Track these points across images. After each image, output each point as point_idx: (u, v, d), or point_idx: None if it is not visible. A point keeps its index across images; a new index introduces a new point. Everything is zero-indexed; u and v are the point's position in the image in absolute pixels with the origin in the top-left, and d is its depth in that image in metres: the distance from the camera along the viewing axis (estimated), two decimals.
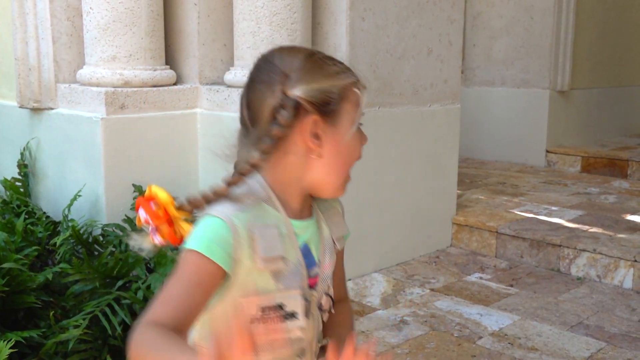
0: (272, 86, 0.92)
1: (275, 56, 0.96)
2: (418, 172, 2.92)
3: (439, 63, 2.95)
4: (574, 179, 4.13)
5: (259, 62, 0.97)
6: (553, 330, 2.21)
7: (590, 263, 2.70)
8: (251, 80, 0.97)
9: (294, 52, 0.98)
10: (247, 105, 0.96)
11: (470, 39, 4.84)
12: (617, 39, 5.07)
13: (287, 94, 0.92)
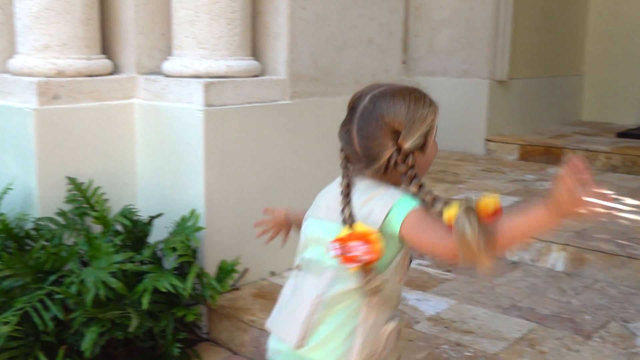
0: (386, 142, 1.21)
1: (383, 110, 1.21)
2: None
3: (380, 53, 2.98)
4: (512, 167, 4.25)
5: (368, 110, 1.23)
6: (487, 313, 2.28)
7: (524, 247, 2.78)
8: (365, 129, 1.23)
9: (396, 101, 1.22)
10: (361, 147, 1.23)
11: (412, 29, 4.90)
12: (553, 30, 5.22)
13: (399, 146, 1.21)
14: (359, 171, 1.26)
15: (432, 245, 1.19)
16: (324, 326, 1.23)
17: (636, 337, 2.10)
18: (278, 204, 2.57)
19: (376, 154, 1.21)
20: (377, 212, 1.20)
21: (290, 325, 1.25)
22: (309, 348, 1.24)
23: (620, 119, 5.57)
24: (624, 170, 4.10)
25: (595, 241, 2.64)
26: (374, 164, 1.23)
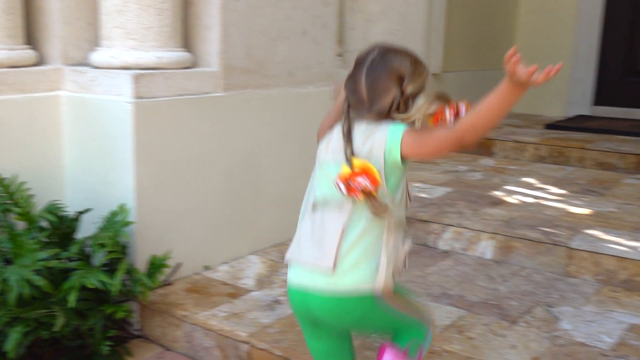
0: (392, 85, 1.43)
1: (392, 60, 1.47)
2: (293, 153, 2.95)
3: (314, 45, 2.99)
4: (445, 158, 4.34)
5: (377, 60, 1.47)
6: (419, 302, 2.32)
7: (455, 237, 2.85)
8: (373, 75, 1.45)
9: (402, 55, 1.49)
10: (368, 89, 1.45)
11: (348, 22, 4.92)
12: (486, 24, 5.35)
13: (403, 91, 1.43)
14: (360, 115, 1.47)
15: (436, 146, 1.42)
16: (353, 252, 1.41)
17: (559, 321, 2.18)
18: (210, 198, 2.56)
19: (382, 95, 1.43)
20: (377, 148, 1.42)
21: (321, 254, 1.42)
22: (340, 272, 1.41)
23: (549, 111, 5.77)
24: (551, 161, 4.25)
25: (522, 229, 2.72)
26: (378, 105, 1.44)
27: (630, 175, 3.91)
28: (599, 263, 2.52)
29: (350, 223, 1.41)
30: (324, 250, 1.42)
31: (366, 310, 1.46)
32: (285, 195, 2.94)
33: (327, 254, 1.41)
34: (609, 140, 4.31)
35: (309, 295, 1.47)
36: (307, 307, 1.50)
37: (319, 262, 1.43)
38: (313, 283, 1.45)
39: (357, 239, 1.41)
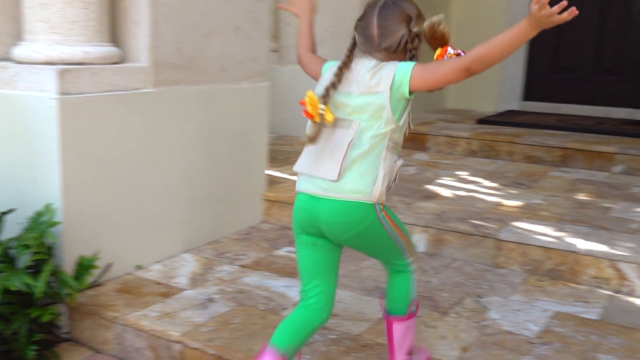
0: (401, 25, 1.64)
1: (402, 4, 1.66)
2: (227, 149, 2.93)
3: (247, 41, 2.97)
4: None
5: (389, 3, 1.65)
6: (353, 296, 2.35)
7: None
8: (386, 14, 1.64)
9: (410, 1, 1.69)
10: (379, 27, 1.63)
11: (284, 17, 4.92)
12: None
13: (410, 30, 1.65)
14: (369, 53, 1.65)
15: (446, 75, 1.60)
16: (357, 164, 1.59)
17: (488, 311, 2.25)
18: (142, 196, 2.51)
19: (392, 34, 1.63)
20: (384, 81, 1.59)
21: (330, 164, 1.60)
22: (345, 181, 1.59)
23: (481, 106, 5.92)
24: (482, 155, 4.36)
25: (453, 222, 2.78)
26: (387, 42, 1.63)
27: (557, 168, 4.06)
28: (526, 254, 2.60)
29: (356, 141, 1.59)
30: (330, 162, 1.60)
31: (367, 221, 1.62)
32: (220, 192, 2.91)
33: (332, 166, 1.59)
34: (537, 134, 4.45)
35: (317, 200, 1.63)
36: (313, 213, 1.64)
37: (324, 172, 1.61)
38: (320, 190, 1.62)
39: (360, 155, 1.59)
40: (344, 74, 1.63)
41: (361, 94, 1.61)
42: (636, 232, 2.72)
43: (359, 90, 1.61)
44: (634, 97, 5.28)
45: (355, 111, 1.61)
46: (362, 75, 1.61)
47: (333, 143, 1.61)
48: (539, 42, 5.58)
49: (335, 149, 1.60)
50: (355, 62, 1.65)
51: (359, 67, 1.63)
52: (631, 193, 3.43)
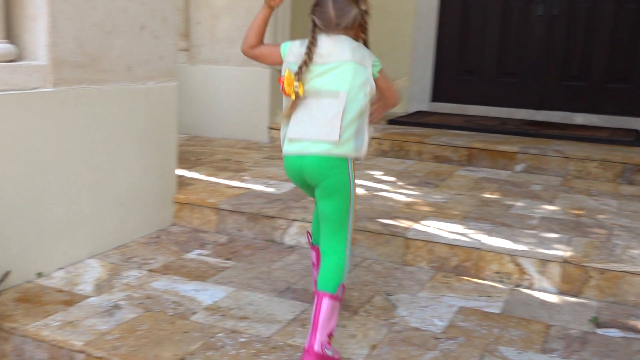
0: (352, 5, 1.95)
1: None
2: (134, 151, 2.85)
3: (154, 39, 2.89)
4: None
5: None
6: (263, 298, 2.34)
7: (300, 231, 2.90)
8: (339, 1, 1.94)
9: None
10: (335, 9, 1.93)
11: (194, 16, 4.84)
12: None
13: (360, 8, 1.97)
14: (331, 32, 1.94)
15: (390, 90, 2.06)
16: (349, 128, 1.89)
17: (396, 308, 2.29)
18: (42, 199, 2.40)
19: (347, 13, 1.94)
20: (367, 60, 1.95)
21: (328, 129, 1.88)
22: (342, 142, 1.88)
23: None
24: (393, 155, 4.45)
25: (363, 222, 2.82)
26: (345, 21, 1.94)
27: (463, 167, 4.20)
28: (432, 251, 2.67)
29: (347, 108, 1.88)
30: (331, 127, 1.88)
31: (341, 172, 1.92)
32: (127, 194, 2.83)
33: (333, 131, 1.87)
34: (445, 134, 4.59)
35: (308, 159, 1.91)
36: (301, 170, 1.95)
37: (325, 135, 1.88)
38: (317, 150, 1.89)
39: (351, 120, 1.89)
40: (313, 52, 1.91)
41: (346, 61, 1.91)
42: (535, 228, 2.85)
43: (343, 58, 1.91)
44: (534, 98, 5.54)
45: (341, 80, 1.90)
46: (342, 47, 1.92)
47: (324, 112, 1.90)
48: (446, 46, 5.77)
49: (332, 117, 1.88)
50: (322, 40, 1.93)
51: (334, 42, 1.93)
52: (531, 190, 3.60)
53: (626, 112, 5.28)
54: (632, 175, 3.89)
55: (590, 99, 5.38)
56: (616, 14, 5.23)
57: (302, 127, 1.92)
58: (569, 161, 4.03)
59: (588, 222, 2.98)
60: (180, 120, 4.86)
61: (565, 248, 2.56)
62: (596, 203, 3.36)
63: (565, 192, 3.59)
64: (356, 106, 1.89)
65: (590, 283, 2.44)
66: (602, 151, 4.11)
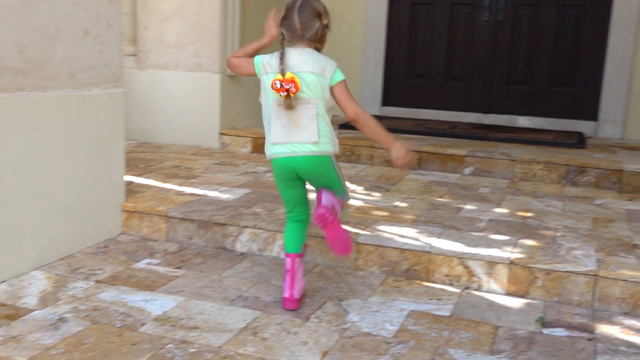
0: (315, 19, 2.19)
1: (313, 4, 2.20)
2: (80, 159, 2.78)
3: (98, 45, 2.84)
4: (245, 159, 4.38)
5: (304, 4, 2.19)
6: (214, 307, 2.31)
7: (252, 238, 2.88)
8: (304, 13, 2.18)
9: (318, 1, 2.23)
10: (301, 23, 2.18)
11: (141, 21, 4.76)
12: None
13: (322, 23, 2.21)
14: (296, 42, 2.22)
15: (348, 102, 2.25)
16: (322, 129, 2.23)
17: (348, 314, 2.30)
18: None
19: (311, 26, 2.19)
20: (328, 70, 2.21)
21: (308, 132, 2.21)
22: (320, 142, 2.23)
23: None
24: (344, 159, 4.47)
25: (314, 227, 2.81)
26: (309, 33, 2.20)
27: (414, 171, 4.25)
28: (383, 255, 2.69)
29: (319, 112, 2.21)
30: (309, 131, 2.21)
31: (327, 166, 2.29)
32: (73, 204, 2.76)
33: (312, 133, 2.21)
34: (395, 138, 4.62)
35: (298, 158, 2.24)
36: (293, 166, 2.26)
37: (307, 138, 2.21)
38: (304, 151, 2.22)
39: (322, 122, 2.22)
40: (284, 63, 2.18)
41: (309, 73, 2.18)
42: (483, 230, 2.90)
43: (309, 69, 2.19)
44: (482, 102, 5.65)
45: (311, 88, 2.19)
46: (305, 59, 2.19)
47: (301, 117, 2.20)
48: (395, 51, 5.83)
49: (309, 123, 2.20)
50: (293, 51, 2.21)
51: (300, 53, 2.20)
52: (479, 193, 3.66)
53: (570, 114, 5.43)
54: (576, 176, 4.00)
55: (535, 103, 5.52)
56: (558, 20, 5.39)
57: (284, 131, 2.23)
58: (515, 164, 4.12)
59: (534, 223, 3.05)
60: (129, 126, 4.79)
61: (512, 250, 2.62)
62: (542, 204, 3.45)
63: (512, 194, 3.67)
64: (325, 112, 2.23)
65: (537, 284, 2.50)
66: (547, 153, 4.22)
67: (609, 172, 3.93)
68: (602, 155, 4.28)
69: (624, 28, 5.14)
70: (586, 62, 5.36)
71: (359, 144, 4.45)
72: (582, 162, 4.01)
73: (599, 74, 5.30)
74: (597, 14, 5.28)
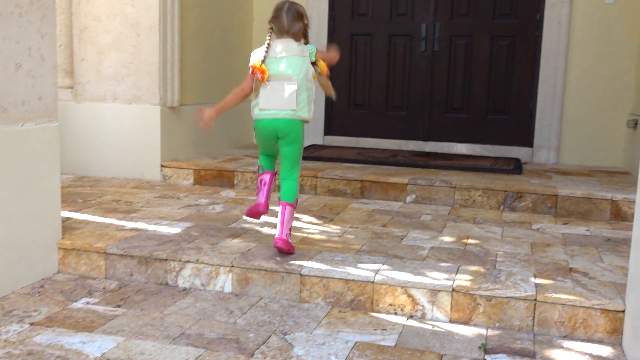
0: (300, 20, 2.92)
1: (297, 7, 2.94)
2: (12, 196, 2.68)
3: (31, 79, 2.76)
4: (187, 192, 4.32)
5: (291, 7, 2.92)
6: (156, 346, 2.25)
7: (194, 273, 2.83)
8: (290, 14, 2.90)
9: (300, 5, 2.97)
10: (288, 22, 2.89)
11: (78, 53, 4.68)
12: (220, 58, 5.47)
13: (304, 22, 2.95)
14: (283, 36, 2.92)
15: (327, 55, 3.05)
16: (302, 101, 2.90)
17: (293, 348, 2.27)
18: None
19: (296, 25, 2.90)
20: (306, 51, 2.92)
21: (287, 102, 2.88)
22: (298, 110, 2.90)
23: None
24: None
25: (258, 260, 2.80)
26: (294, 30, 2.90)
27: (357, 200, 4.28)
28: (328, 287, 2.68)
29: (299, 88, 2.89)
30: (289, 101, 2.89)
31: (299, 128, 2.96)
32: (6, 243, 2.66)
33: (292, 102, 2.89)
34: (338, 168, 4.67)
35: (280, 121, 2.92)
36: (275, 127, 2.93)
37: (287, 106, 2.90)
38: (284, 115, 2.91)
39: (302, 95, 2.91)
40: (269, 51, 2.92)
41: (293, 55, 2.91)
42: (426, 258, 2.93)
43: (291, 53, 2.91)
44: (422, 130, 5.77)
45: (292, 68, 2.89)
46: (291, 46, 2.92)
47: (285, 91, 2.89)
48: (336, 81, 5.87)
49: (290, 94, 2.89)
50: (278, 42, 2.94)
51: (284, 43, 2.92)
52: (421, 221, 3.71)
53: (506, 141, 5.60)
54: (514, 202, 4.11)
55: (473, 130, 5.67)
56: (492, 50, 5.58)
57: (271, 100, 2.92)
58: (455, 190, 4.20)
59: (475, 250, 3.11)
60: (67, 160, 4.67)
61: (454, 277, 2.65)
62: (482, 231, 3.52)
63: (453, 221, 3.73)
64: (304, 86, 2.91)
65: (479, 310, 2.53)
66: (486, 180, 4.32)
67: (545, 197, 4.06)
68: (538, 180, 4.41)
69: (554, 57, 5.36)
70: (519, 90, 5.55)
71: (302, 174, 4.45)
72: (519, 188, 4.12)
73: (532, 101, 5.50)
74: (527, 45, 5.49)
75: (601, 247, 3.24)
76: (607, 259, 3.03)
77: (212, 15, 5.28)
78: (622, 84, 5.29)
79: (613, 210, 3.94)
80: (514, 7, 5.50)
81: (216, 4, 5.32)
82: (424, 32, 5.64)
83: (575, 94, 5.40)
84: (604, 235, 3.53)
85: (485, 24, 5.58)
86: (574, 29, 5.34)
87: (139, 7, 4.51)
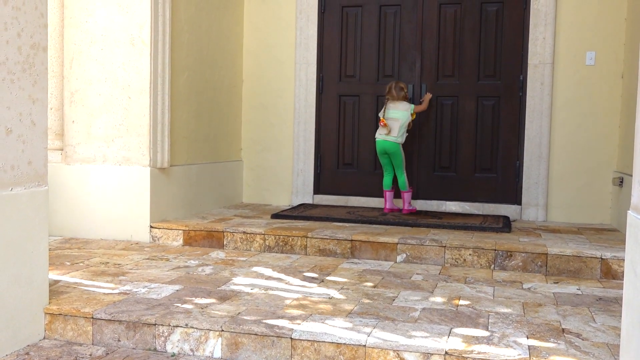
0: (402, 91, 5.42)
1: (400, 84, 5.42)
2: (2, 261, 2.65)
3: (21, 144, 2.77)
4: (177, 253, 4.29)
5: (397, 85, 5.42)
6: None
7: (183, 338, 2.78)
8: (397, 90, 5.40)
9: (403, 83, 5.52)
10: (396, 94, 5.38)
11: (69, 115, 4.71)
12: (210, 119, 5.53)
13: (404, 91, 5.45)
14: (395, 100, 5.36)
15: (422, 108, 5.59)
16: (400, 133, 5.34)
17: None
18: None
19: (402, 95, 5.38)
20: (409, 110, 5.39)
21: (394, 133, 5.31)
22: (397, 137, 5.34)
23: (276, 200, 6.10)
24: (278, 250, 4.45)
25: (248, 324, 2.76)
26: (401, 96, 5.36)
27: (347, 260, 4.26)
28: (319, 351, 2.64)
29: (400, 126, 5.30)
30: (394, 132, 5.29)
31: (398, 150, 5.31)
32: None
33: (395, 134, 5.29)
34: (328, 227, 4.67)
35: (386, 143, 5.30)
36: (384, 146, 5.32)
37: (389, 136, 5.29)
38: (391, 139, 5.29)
39: (401, 131, 5.32)
40: (386, 110, 5.32)
41: (400, 111, 5.32)
42: (417, 320, 2.90)
43: (399, 109, 5.32)
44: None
45: (398, 116, 5.29)
46: (398, 106, 5.31)
47: (393, 127, 5.26)
48: (326, 141, 5.97)
49: (396, 128, 5.27)
50: (392, 103, 5.34)
51: (396, 104, 5.32)
52: (412, 281, 3.69)
53: (495, 199, 5.64)
54: (504, 261, 4.11)
55: (461, 188, 5.72)
56: (477, 110, 5.68)
57: (380, 133, 5.30)
58: (445, 249, 4.20)
59: (467, 311, 3.08)
60: (55, 222, 4.64)
61: (447, 340, 2.62)
62: (473, 291, 3.50)
63: (444, 281, 3.71)
64: (403, 126, 5.27)
65: None
66: (476, 238, 4.33)
67: (535, 255, 4.06)
68: (527, 239, 4.42)
69: (538, 117, 5.46)
70: (506, 148, 5.63)
71: (292, 234, 4.45)
72: (509, 247, 4.13)
73: (518, 160, 5.57)
74: (512, 105, 5.60)
75: (593, 307, 3.23)
76: (600, 319, 3.02)
77: (202, 77, 5.36)
78: (606, 142, 5.39)
79: (603, 269, 3.95)
80: (498, 69, 5.64)
81: (206, 66, 5.41)
82: (410, 92, 5.75)
83: (560, 153, 5.48)
84: (595, 294, 3.52)
85: (470, 85, 5.70)
86: (557, 89, 5.46)
87: (130, 71, 4.58)
